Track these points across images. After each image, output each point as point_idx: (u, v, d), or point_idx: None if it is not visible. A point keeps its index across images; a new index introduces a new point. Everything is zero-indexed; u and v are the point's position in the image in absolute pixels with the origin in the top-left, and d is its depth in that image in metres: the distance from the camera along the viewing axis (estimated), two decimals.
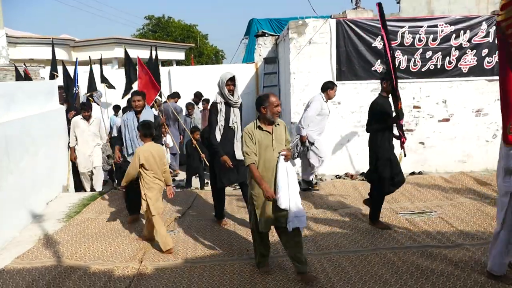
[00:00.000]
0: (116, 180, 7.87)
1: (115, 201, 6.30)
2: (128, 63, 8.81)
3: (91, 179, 7.41)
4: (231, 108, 4.89)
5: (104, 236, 4.92)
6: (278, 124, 3.74)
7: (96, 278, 3.89)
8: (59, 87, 8.49)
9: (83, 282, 3.82)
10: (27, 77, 9.91)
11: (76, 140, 7.09)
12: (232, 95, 4.84)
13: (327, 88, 6.24)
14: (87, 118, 7.14)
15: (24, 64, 10.98)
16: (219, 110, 4.85)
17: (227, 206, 6.21)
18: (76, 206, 6.14)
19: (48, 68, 12.18)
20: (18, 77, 9.92)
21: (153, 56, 8.75)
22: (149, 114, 5.26)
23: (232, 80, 4.82)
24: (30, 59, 16.61)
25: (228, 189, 7.41)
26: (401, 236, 4.69)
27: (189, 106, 9.31)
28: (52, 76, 9.65)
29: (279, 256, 4.31)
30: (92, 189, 7.44)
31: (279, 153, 3.63)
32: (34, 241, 4.80)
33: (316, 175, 7.31)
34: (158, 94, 8.10)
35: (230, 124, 4.88)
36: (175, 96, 9.41)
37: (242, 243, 4.70)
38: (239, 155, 4.69)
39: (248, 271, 3.99)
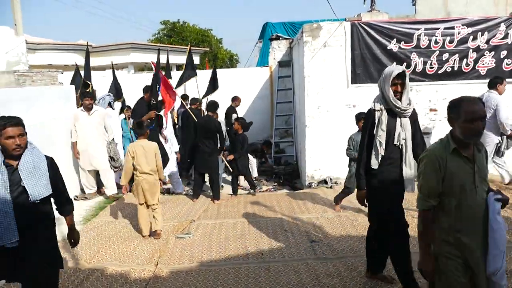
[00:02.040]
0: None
1: (132, 204, 6.38)
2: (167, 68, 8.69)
3: (97, 181, 6.85)
4: (398, 118, 3.41)
5: (121, 238, 4.99)
6: (479, 149, 2.42)
7: (113, 280, 3.95)
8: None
9: (100, 283, 3.88)
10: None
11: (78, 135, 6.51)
12: (400, 98, 3.37)
13: (496, 83, 6.06)
14: (88, 108, 6.38)
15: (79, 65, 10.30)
16: (377, 121, 3.42)
17: (240, 208, 6.24)
18: (93, 209, 6.24)
19: (67, 73, 12.42)
20: (76, 79, 9.16)
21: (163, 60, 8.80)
22: (34, 159, 2.79)
23: (401, 77, 3.34)
24: (49, 64, 16.95)
25: (226, 187, 7.45)
26: (417, 240, 4.61)
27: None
28: (86, 85, 8.53)
29: (293, 260, 4.30)
30: (100, 193, 6.96)
31: (486, 194, 2.37)
32: None
33: (331, 179, 7.28)
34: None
35: (396, 142, 3.39)
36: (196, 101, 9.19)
37: (257, 246, 4.70)
38: (410, 187, 3.45)
39: (263, 275, 3.99)
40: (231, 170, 7.17)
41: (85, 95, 6.50)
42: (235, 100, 9.32)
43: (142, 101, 7.30)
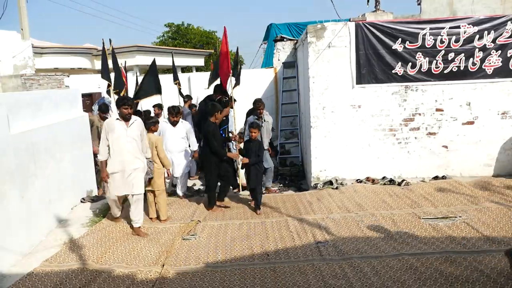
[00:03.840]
0: None
1: None
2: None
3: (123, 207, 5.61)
4: None
5: (128, 240, 5.01)
6: None
7: (120, 281, 3.97)
8: (83, 95, 8.56)
9: (107, 285, 3.90)
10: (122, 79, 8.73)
11: (109, 151, 5.14)
12: None
13: None
14: (126, 118, 5.17)
15: (123, 66, 9.91)
16: None
17: (246, 209, 6.24)
18: (100, 211, 6.26)
19: (72, 77, 12.52)
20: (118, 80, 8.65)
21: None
22: None
23: None
24: (55, 68, 17.09)
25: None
26: (424, 241, 4.60)
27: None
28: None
29: (299, 261, 4.30)
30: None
31: None
32: (60, 245, 4.93)
33: (336, 180, 7.27)
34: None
35: None
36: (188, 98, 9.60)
37: (263, 247, 4.71)
38: None
39: (269, 276, 3.99)
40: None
41: (122, 101, 5.13)
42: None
43: (210, 100, 7.27)
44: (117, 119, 5.15)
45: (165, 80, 10.34)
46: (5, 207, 4.38)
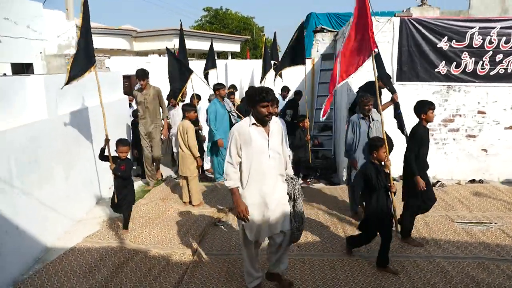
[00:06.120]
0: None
1: (175, 188, 6.62)
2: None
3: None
4: None
5: (164, 221, 5.21)
6: None
7: (155, 262, 4.16)
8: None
9: (144, 265, 4.10)
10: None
11: (242, 172, 3.40)
12: None
13: None
14: (267, 120, 3.39)
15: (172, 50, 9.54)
16: None
17: None
18: (137, 192, 6.49)
19: (112, 58, 12.86)
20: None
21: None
22: None
23: None
24: (95, 48, 17.51)
25: None
26: (456, 245, 4.55)
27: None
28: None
29: (328, 254, 4.35)
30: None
31: None
32: (99, 223, 5.19)
33: None
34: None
35: None
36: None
37: None
38: None
39: (298, 267, 4.07)
40: None
41: (260, 95, 3.29)
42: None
43: (373, 85, 5.68)
44: (253, 124, 3.38)
45: (198, 66, 10.49)
46: (53, 185, 4.66)
